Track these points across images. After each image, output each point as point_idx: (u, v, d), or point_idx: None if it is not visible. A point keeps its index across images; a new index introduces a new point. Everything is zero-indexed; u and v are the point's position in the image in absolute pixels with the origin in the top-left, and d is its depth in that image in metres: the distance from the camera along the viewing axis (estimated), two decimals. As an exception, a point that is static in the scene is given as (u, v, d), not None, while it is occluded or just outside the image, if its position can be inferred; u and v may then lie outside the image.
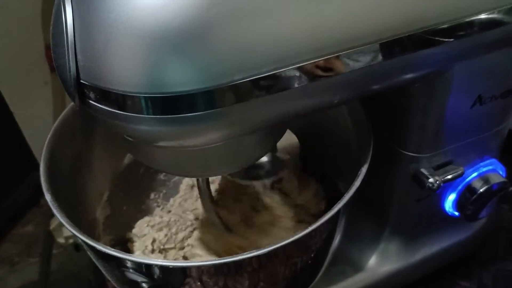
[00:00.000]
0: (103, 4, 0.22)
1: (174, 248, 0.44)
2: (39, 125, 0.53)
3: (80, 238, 0.29)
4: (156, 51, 0.22)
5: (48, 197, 0.31)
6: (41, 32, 0.52)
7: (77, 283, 0.51)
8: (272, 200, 0.45)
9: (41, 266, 0.54)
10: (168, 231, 0.44)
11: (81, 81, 0.24)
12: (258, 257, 0.29)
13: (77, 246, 0.54)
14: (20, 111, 0.55)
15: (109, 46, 0.22)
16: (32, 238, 0.57)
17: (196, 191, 0.48)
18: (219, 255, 0.42)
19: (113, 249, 0.28)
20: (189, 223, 0.45)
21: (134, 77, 0.23)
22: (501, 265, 0.48)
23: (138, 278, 0.30)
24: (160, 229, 0.45)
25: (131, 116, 0.24)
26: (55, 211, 0.30)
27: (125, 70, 0.23)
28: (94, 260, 0.33)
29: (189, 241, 0.44)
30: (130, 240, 0.45)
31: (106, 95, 0.24)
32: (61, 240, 0.55)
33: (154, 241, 0.44)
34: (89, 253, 0.32)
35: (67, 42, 0.23)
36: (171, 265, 0.28)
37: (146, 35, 0.22)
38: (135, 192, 0.48)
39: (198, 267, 0.29)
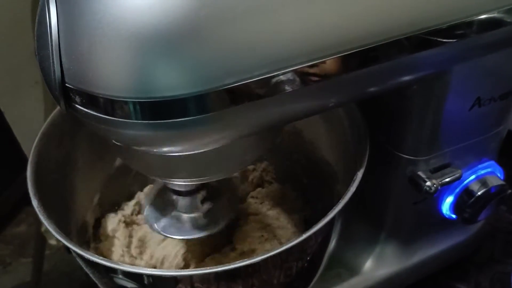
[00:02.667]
0: (88, 5, 0.22)
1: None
2: (30, 125, 0.52)
3: (67, 245, 0.29)
4: (143, 53, 0.21)
5: (34, 202, 0.31)
6: (31, 30, 0.51)
7: (70, 284, 0.51)
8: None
9: (34, 266, 0.53)
10: None
11: (67, 84, 0.23)
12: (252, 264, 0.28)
13: (69, 248, 0.53)
14: (10, 110, 0.54)
15: (94, 48, 0.22)
16: (24, 238, 0.56)
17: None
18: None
19: (101, 257, 0.27)
20: None
21: (121, 81, 0.22)
22: (498, 267, 0.48)
23: (128, 284, 0.30)
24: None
25: (119, 121, 0.23)
26: (42, 217, 0.30)
27: (111, 74, 0.22)
28: (83, 266, 0.32)
29: None
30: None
31: (92, 100, 0.23)
32: (52, 242, 0.54)
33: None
34: (78, 259, 0.32)
35: (51, 44, 0.22)
36: (163, 275, 0.28)
37: (133, 37, 0.21)
38: (127, 195, 0.47)
39: (190, 276, 0.28)
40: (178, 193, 0.36)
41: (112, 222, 0.43)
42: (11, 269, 0.53)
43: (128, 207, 0.46)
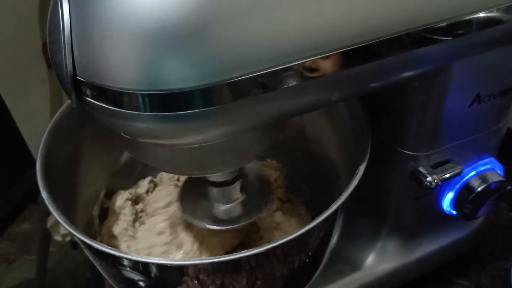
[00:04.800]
0: (99, 0, 0.22)
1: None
2: (36, 122, 0.52)
3: (76, 236, 0.29)
4: (153, 48, 0.22)
5: (44, 195, 0.31)
6: (38, 28, 0.52)
7: (74, 281, 0.51)
8: None
9: (38, 264, 0.53)
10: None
11: (78, 77, 0.24)
12: (255, 255, 0.28)
13: (74, 244, 0.54)
14: (17, 108, 0.55)
15: (105, 42, 0.22)
16: (29, 236, 0.56)
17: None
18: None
19: (110, 247, 0.28)
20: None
21: (131, 74, 0.23)
22: (498, 263, 0.48)
23: (135, 276, 0.30)
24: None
25: (128, 113, 0.24)
26: (51, 209, 0.30)
27: (121, 67, 0.23)
28: (91, 258, 0.33)
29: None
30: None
31: (102, 92, 0.24)
32: (58, 238, 0.55)
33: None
34: (86, 251, 0.32)
35: (64, 38, 0.23)
36: (168, 264, 0.28)
37: (143, 31, 0.22)
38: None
39: (195, 265, 0.29)
40: (214, 184, 0.36)
41: (120, 199, 0.44)
42: (16, 267, 0.53)
43: (144, 184, 0.47)
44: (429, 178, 0.36)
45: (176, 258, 0.40)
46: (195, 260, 0.29)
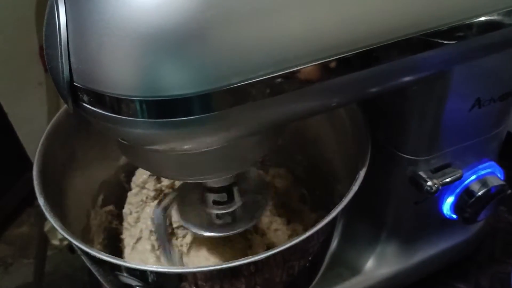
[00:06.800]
0: (96, 5, 0.22)
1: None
2: (33, 126, 0.52)
3: (73, 243, 0.29)
4: (150, 53, 0.22)
5: (41, 201, 0.31)
6: (35, 31, 0.51)
7: (71, 285, 0.51)
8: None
9: (36, 267, 0.53)
10: None
11: (75, 83, 0.24)
12: (255, 262, 0.28)
13: (72, 248, 0.54)
14: (14, 111, 0.55)
15: (102, 48, 0.22)
16: (26, 239, 0.56)
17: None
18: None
19: (107, 254, 0.28)
20: None
21: (129, 80, 0.22)
22: (498, 267, 0.48)
23: (133, 282, 0.30)
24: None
25: (126, 119, 0.24)
26: (48, 215, 0.30)
27: (119, 73, 0.22)
28: (88, 264, 0.32)
29: None
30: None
31: (100, 98, 0.23)
32: (55, 242, 0.55)
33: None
34: (83, 257, 0.32)
35: (60, 44, 0.23)
36: (166, 271, 0.28)
37: (141, 37, 0.22)
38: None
39: (193, 273, 0.28)
40: (211, 190, 0.36)
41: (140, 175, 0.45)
42: (13, 270, 0.53)
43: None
44: (429, 183, 0.36)
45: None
46: (193, 268, 0.29)
